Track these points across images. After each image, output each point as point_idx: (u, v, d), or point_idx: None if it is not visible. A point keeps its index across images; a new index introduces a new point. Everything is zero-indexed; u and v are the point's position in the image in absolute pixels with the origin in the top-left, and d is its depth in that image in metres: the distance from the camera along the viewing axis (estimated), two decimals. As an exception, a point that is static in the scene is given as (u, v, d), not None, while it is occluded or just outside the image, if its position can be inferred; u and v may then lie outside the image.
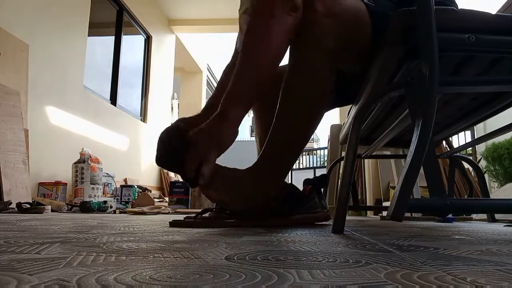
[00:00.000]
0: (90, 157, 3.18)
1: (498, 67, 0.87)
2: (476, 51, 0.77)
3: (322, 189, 1.24)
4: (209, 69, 8.98)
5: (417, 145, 0.66)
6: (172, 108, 6.84)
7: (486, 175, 4.05)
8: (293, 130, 0.99)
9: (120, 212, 2.49)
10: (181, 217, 1.21)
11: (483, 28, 0.75)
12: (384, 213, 2.40)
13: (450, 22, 0.76)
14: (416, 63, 0.75)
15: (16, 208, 1.97)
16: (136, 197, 3.39)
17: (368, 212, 3.23)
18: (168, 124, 6.12)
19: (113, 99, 4.54)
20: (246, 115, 1.23)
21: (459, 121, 1.28)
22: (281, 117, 0.97)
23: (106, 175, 3.66)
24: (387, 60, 0.82)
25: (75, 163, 3.15)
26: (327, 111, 1.31)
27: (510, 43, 0.76)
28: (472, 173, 2.56)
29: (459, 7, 0.84)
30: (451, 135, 1.60)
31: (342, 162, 1.28)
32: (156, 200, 3.45)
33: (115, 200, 3.03)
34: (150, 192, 3.66)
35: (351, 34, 0.92)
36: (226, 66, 1.25)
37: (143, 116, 5.31)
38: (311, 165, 10.10)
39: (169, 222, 1.02)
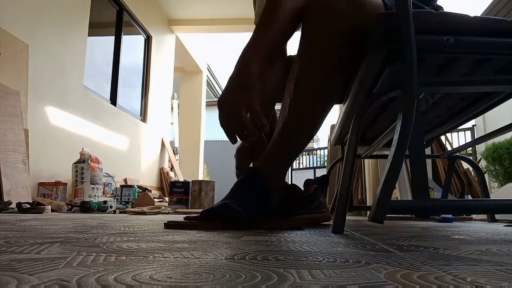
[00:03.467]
0: (90, 157, 3.18)
1: (483, 68, 0.87)
2: (456, 53, 0.78)
3: (323, 189, 1.24)
4: (209, 69, 8.97)
5: (397, 147, 0.66)
6: (172, 108, 6.84)
7: (486, 175, 4.05)
8: (308, 110, 0.98)
9: (120, 212, 2.49)
10: (181, 217, 1.21)
11: (462, 30, 0.76)
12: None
13: (429, 24, 0.77)
14: (399, 65, 0.76)
15: (16, 208, 1.97)
16: (136, 197, 3.39)
17: (368, 212, 3.22)
18: (167, 123, 6.10)
19: (113, 99, 4.53)
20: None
21: (449, 120, 1.29)
22: (296, 98, 0.97)
23: (106, 175, 3.66)
24: (371, 62, 0.83)
25: (75, 163, 3.15)
26: (339, 102, 1.31)
27: (489, 45, 0.76)
28: (472, 173, 2.56)
29: (445, 10, 0.85)
30: (441, 134, 1.61)
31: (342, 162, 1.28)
32: (156, 200, 3.45)
33: (115, 200, 3.02)
34: (150, 192, 3.66)
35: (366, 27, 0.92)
36: None
37: (143, 116, 5.30)
38: (311, 165, 10.10)
39: (164, 224, 0.97)
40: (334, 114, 5.19)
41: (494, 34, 0.76)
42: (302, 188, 1.22)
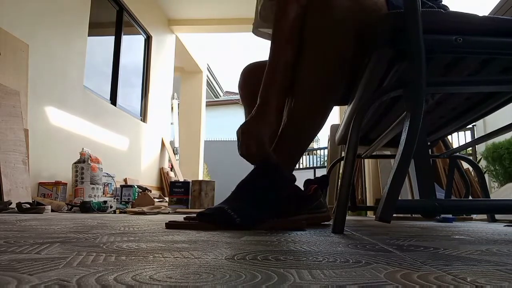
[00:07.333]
0: (90, 157, 3.18)
1: (489, 68, 0.87)
2: (463, 53, 0.78)
3: (323, 189, 1.24)
4: (209, 69, 8.97)
5: (405, 146, 0.66)
6: (172, 108, 6.84)
7: (486, 175, 4.05)
8: (312, 103, 1.01)
9: (120, 212, 2.49)
10: (181, 217, 1.21)
11: (470, 30, 0.76)
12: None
13: (437, 24, 0.76)
14: (405, 64, 0.75)
15: (16, 208, 1.97)
16: (136, 197, 3.39)
17: (368, 212, 3.23)
18: (167, 123, 6.10)
19: (113, 99, 4.53)
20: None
21: (454, 121, 1.29)
22: (300, 91, 1.00)
23: (106, 175, 3.66)
24: (377, 62, 0.83)
25: (75, 163, 3.15)
26: (340, 104, 1.31)
27: (497, 44, 0.76)
28: (472, 173, 2.56)
29: (453, 9, 0.84)
30: (446, 135, 1.60)
31: (342, 162, 1.28)
32: (156, 200, 3.45)
33: (115, 200, 3.02)
34: (150, 192, 3.66)
35: (366, 22, 0.92)
36: None
37: (143, 116, 5.30)
38: (311, 165, 10.09)
39: (165, 224, 0.97)
40: (334, 114, 5.20)
41: (503, 34, 0.76)
42: (302, 188, 1.22)
